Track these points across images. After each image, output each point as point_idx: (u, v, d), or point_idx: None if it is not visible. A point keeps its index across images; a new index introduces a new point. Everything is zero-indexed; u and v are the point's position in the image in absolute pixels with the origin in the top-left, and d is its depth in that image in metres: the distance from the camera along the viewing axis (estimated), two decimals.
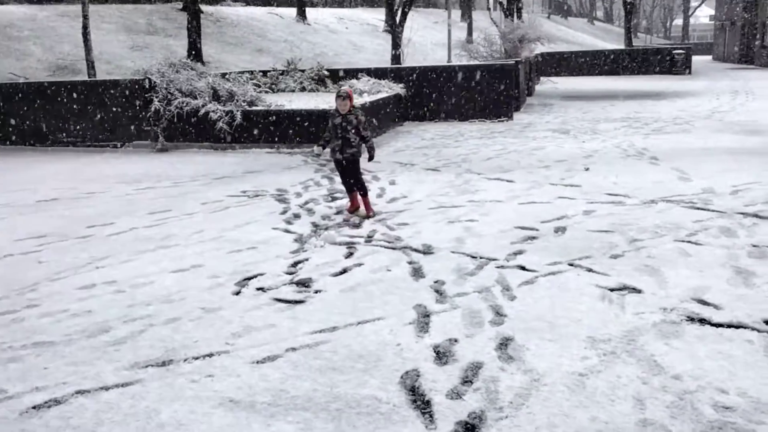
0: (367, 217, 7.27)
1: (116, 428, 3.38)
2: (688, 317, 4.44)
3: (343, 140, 7.08)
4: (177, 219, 7.56)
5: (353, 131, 7.08)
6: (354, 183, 7.35)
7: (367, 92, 14.80)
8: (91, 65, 16.48)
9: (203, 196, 8.74)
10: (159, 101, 12.80)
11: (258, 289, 5.25)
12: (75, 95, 13.59)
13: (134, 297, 5.16)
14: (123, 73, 16.64)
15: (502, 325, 4.41)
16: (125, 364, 4.05)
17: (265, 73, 16.74)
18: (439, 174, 9.72)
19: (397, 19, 23.33)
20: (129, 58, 18.78)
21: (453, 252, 5.98)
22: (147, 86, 12.95)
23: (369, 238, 6.49)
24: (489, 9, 37.04)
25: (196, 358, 4.10)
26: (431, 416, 3.38)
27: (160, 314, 4.79)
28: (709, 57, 59.42)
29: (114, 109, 13.41)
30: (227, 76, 13.88)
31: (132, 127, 13.34)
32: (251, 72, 16.18)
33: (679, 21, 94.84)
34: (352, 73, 16.48)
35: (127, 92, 13.26)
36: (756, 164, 9.59)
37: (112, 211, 8.07)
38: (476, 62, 19.71)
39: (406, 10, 23.26)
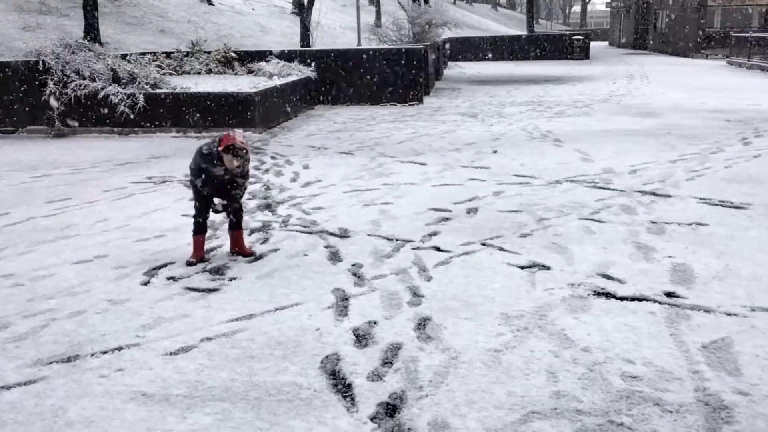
0: (250, 254, 5.51)
1: (20, 429, 3.18)
2: (594, 292, 4.63)
3: (229, 197, 5.35)
4: (77, 208, 7.19)
5: (240, 188, 5.37)
6: (238, 221, 5.50)
7: (277, 75, 14.54)
8: None
9: (105, 183, 8.34)
10: (54, 84, 12.09)
11: (168, 278, 5.06)
12: None
13: (34, 290, 4.87)
14: (14, 55, 15.59)
15: (420, 305, 4.45)
16: (27, 362, 3.82)
17: (168, 54, 16.10)
18: (352, 157, 9.69)
19: (305, 1, 22.99)
20: (20, 39, 17.62)
21: (369, 235, 5.98)
22: (41, 68, 12.21)
23: (284, 223, 6.40)
24: None
25: (105, 353, 3.91)
26: (353, 399, 3.38)
27: (64, 308, 4.54)
28: (606, 43, 62.03)
29: (5, 92, 12.58)
30: (128, 58, 13.25)
31: (26, 112, 12.56)
32: (154, 53, 15.52)
33: (577, 8, 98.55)
34: (261, 56, 16.14)
35: (19, 75, 12.46)
36: (652, 145, 10.11)
37: (7, 200, 7.58)
38: (386, 46, 19.74)
39: None
